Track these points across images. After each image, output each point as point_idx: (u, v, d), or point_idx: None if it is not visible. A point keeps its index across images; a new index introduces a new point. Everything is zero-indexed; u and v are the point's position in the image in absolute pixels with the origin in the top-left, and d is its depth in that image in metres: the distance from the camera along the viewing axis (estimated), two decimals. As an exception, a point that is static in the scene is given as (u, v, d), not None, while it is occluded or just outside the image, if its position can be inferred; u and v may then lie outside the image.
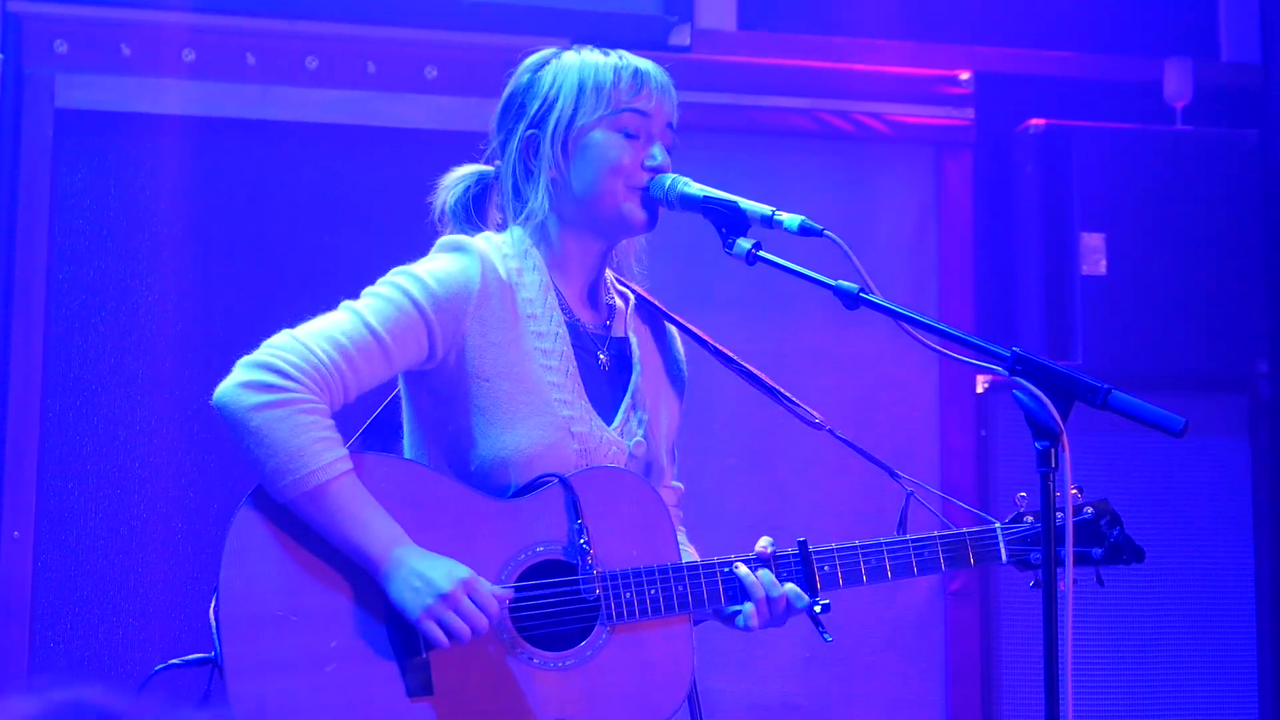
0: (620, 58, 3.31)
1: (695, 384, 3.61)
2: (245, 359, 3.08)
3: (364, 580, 3.07)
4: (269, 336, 3.12)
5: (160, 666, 3.19)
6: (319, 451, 3.02)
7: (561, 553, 3.16)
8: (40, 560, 4.86)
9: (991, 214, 5.66)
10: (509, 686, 3.09)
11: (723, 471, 5.26)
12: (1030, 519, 3.39)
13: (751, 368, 3.49)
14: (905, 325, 3.08)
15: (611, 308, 3.42)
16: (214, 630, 3.06)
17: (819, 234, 3.11)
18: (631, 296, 3.46)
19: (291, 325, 3.13)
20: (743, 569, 3.22)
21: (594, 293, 3.39)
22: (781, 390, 3.49)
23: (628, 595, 3.16)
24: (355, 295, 3.20)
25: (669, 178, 3.27)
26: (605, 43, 3.36)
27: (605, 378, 3.36)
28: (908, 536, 3.34)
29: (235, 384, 3.04)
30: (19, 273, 4.89)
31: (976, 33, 5.78)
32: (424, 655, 3.06)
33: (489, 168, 3.42)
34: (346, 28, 5.14)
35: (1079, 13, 5.90)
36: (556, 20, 5.20)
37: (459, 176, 3.43)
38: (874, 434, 5.28)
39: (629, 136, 3.27)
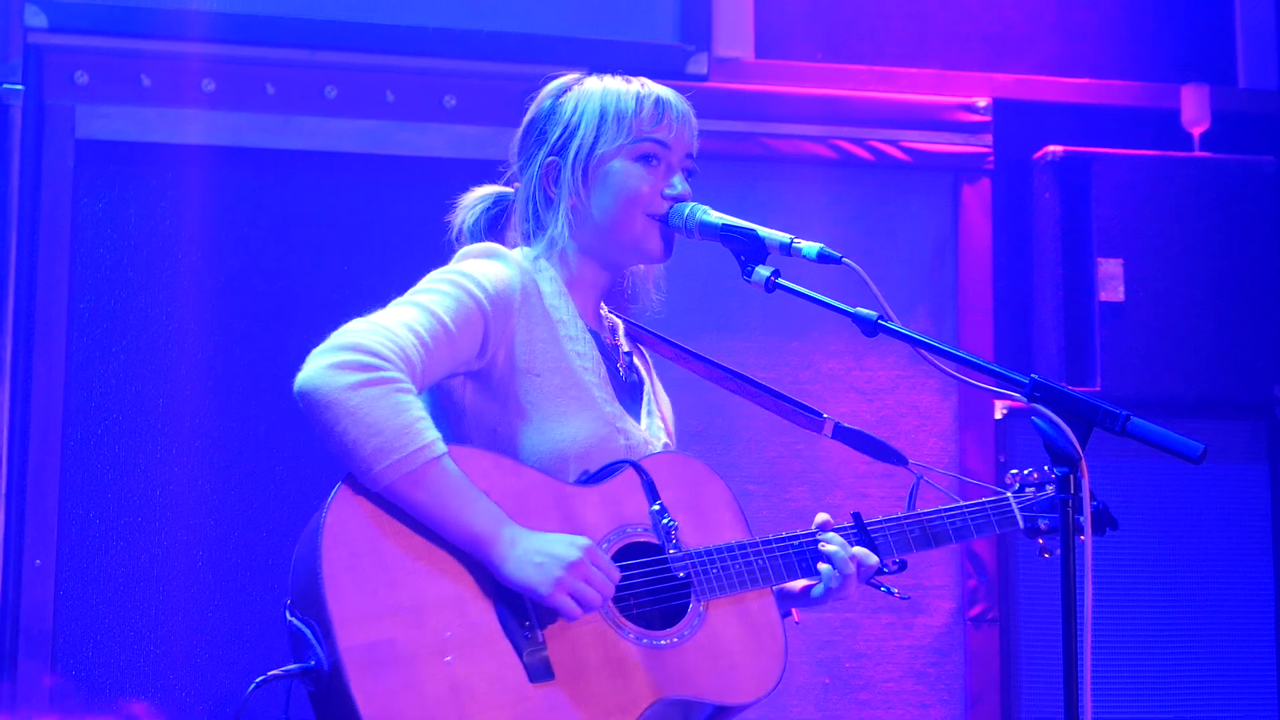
0: (643, 85, 3.33)
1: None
2: (328, 344, 3.00)
3: (469, 564, 3.01)
4: (290, 364, 3.04)
5: (260, 679, 3.00)
6: (422, 430, 2.97)
7: (646, 533, 3.18)
8: (61, 588, 4.87)
9: (1010, 240, 5.66)
10: (623, 666, 3.08)
11: (741, 496, 5.24)
12: (1031, 490, 3.58)
13: (745, 374, 3.54)
14: (924, 352, 3.09)
15: (614, 329, 3.46)
16: (308, 635, 2.94)
17: (837, 261, 3.13)
18: (619, 322, 3.50)
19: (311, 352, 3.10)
20: (829, 546, 3.31)
21: (598, 312, 3.42)
22: (779, 391, 3.52)
23: (714, 570, 3.20)
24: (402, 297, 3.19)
25: (688, 206, 3.29)
26: (623, 72, 3.38)
27: (625, 385, 3.40)
28: (941, 508, 3.48)
29: (323, 367, 2.95)
30: (40, 302, 4.91)
31: (994, 60, 5.79)
32: (540, 637, 3.01)
33: (508, 189, 3.44)
34: (365, 57, 5.16)
35: (1096, 39, 5.91)
36: (574, 50, 5.21)
37: (478, 197, 3.45)
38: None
39: (649, 166, 3.29)
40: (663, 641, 3.13)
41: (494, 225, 3.44)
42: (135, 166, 5.01)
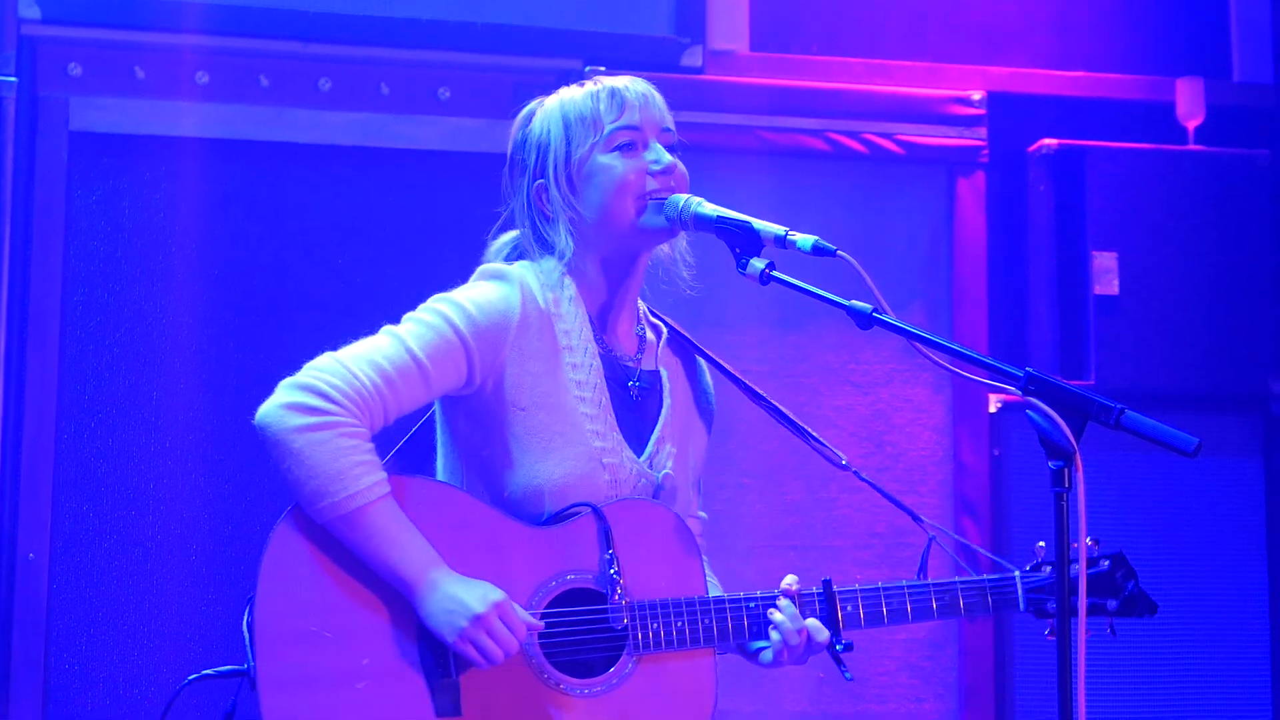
0: (595, 83, 3.38)
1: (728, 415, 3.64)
2: (288, 380, 3.12)
3: (398, 601, 3.11)
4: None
5: (193, 677, 3.25)
6: (358, 476, 3.07)
7: (592, 581, 3.20)
8: (55, 581, 4.86)
9: (1004, 234, 5.66)
10: (535, 711, 3.13)
11: (736, 491, 5.25)
12: (1049, 569, 3.43)
13: (779, 404, 3.53)
14: (918, 345, 3.10)
15: (643, 339, 3.45)
16: (247, 641, 3.10)
17: (832, 254, 3.13)
18: (664, 330, 3.50)
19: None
20: (777, 615, 3.25)
21: (624, 321, 3.42)
22: (808, 429, 3.53)
23: (654, 626, 3.20)
24: (369, 315, 3.23)
25: (682, 198, 3.30)
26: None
27: (635, 408, 3.40)
28: (929, 580, 3.39)
29: (279, 405, 3.09)
30: (34, 295, 4.90)
31: (989, 53, 5.78)
32: (454, 677, 3.10)
33: (517, 231, 3.46)
34: (360, 50, 5.15)
35: (1091, 33, 5.90)
36: (569, 42, 5.21)
37: (498, 248, 3.50)
38: (887, 453, 5.29)
39: (627, 152, 3.30)
40: (583, 690, 3.16)
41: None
42: (129, 159, 5.00)
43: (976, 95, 5.58)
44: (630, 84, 3.37)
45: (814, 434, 3.53)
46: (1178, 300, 5.50)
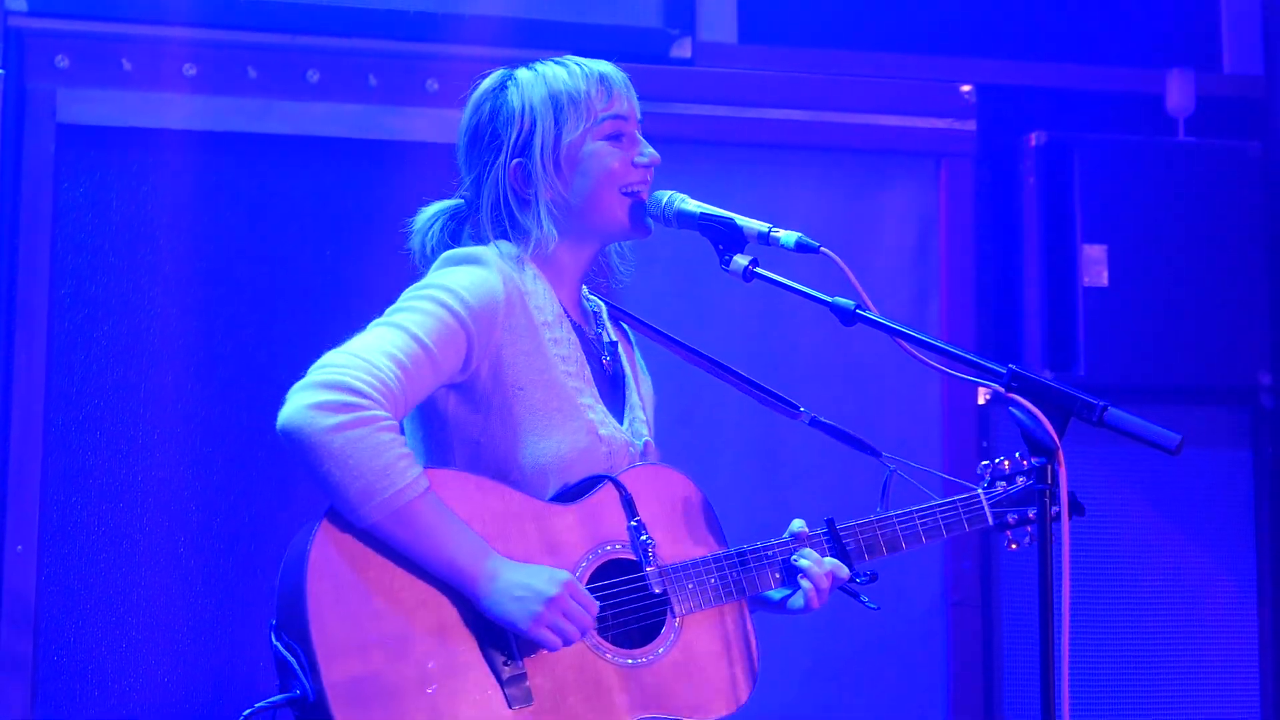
0: (579, 65, 3.32)
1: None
2: (307, 382, 3.00)
3: (451, 596, 3.05)
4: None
5: (249, 711, 3.04)
6: (404, 470, 2.99)
7: (623, 550, 3.20)
8: (44, 574, 4.86)
9: (994, 226, 5.66)
10: (600, 688, 3.11)
11: (722, 477, 5.25)
12: (1002, 484, 3.52)
13: (724, 362, 3.53)
14: (902, 342, 3.10)
15: (597, 314, 3.45)
16: (294, 665, 2.98)
17: (815, 250, 3.13)
18: (602, 305, 3.49)
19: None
20: (804, 561, 3.29)
21: (577, 299, 3.41)
22: (757, 382, 3.52)
23: (690, 585, 3.21)
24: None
25: (665, 194, 3.29)
26: (607, 56, 3.38)
27: (609, 381, 3.40)
28: (912, 508, 3.44)
29: (305, 406, 2.96)
30: (21, 287, 4.89)
31: (978, 45, 5.78)
32: (521, 666, 3.05)
33: (455, 201, 3.40)
34: (348, 41, 5.14)
35: (1081, 25, 5.90)
36: (557, 33, 5.21)
37: (429, 216, 3.42)
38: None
39: (616, 142, 3.29)
40: (639, 660, 3.16)
41: (454, 240, 3.39)
42: (117, 151, 4.99)
43: (966, 88, 5.58)
44: (611, 70, 3.33)
45: (764, 386, 3.53)
46: (1167, 292, 5.51)
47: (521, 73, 3.33)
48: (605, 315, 3.49)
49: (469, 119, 3.37)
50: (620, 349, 3.47)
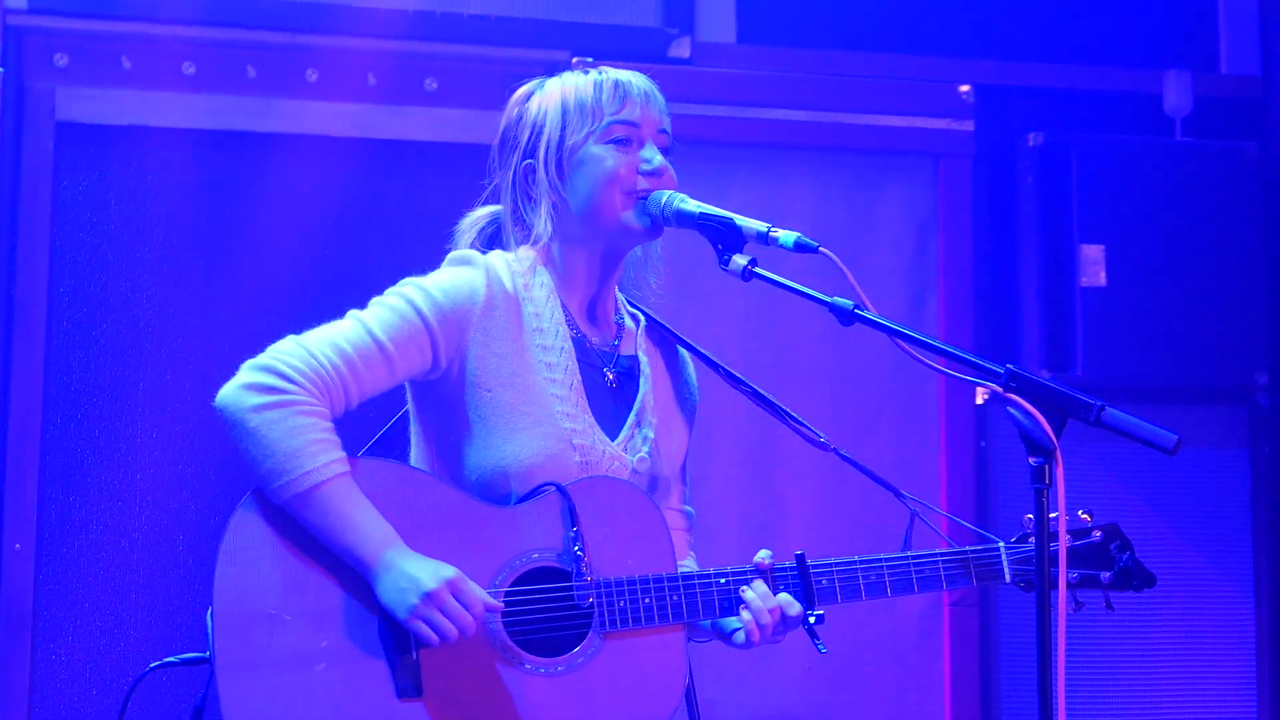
0: (600, 72, 3.35)
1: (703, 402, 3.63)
2: (249, 362, 3.12)
3: (357, 581, 3.09)
4: (266, 348, 3.14)
5: (155, 664, 3.29)
6: (314, 453, 3.06)
7: (556, 559, 3.18)
8: (42, 572, 4.86)
9: (991, 226, 5.66)
10: (499, 690, 3.11)
11: (722, 482, 5.26)
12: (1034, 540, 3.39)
13: (760, 389, 3.51)
14: (900, 342, 3.10)
15: (621, 326, 3.44)
16: (208, 628, 3.08)
17: (814, 250, 3.13)
18: (642, 319, 3.49)
19: (295, 334, 3.15)
20: (749, 593, 3.23)
21: (602, 310, 3.41)
22: (789, 411, 3.51)
23: (621, 603, 3.17)
24: (356, 306, 3.23)
25: (665, 194, 3.29)
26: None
27: (611, 394, 3.38)
28: (908, 553, 3.35)
29: (237, 385, 3.09)
30: (20, 285, 4.90)
31: (976, 46, 5.79)
32: (414, 656, 3.08)
33: (498, 206, 3.45)
34: (347, 40, 5.14)
35: (1079, 25, 5.90)
36: (556, 33, 5.21)
37: (473, 220, 3.49)
38: (875, 446, 5.28)
39: (621, 147, 3.30)
40: (549, 670, 3.14)
41: (491, 244, 3.45)
42: (115, 149, 4.99)
43: (964, 88, 5.58)
44: (635, 79, 3.35)
45: (794, 415, 3.51)
46: (1164, 292, 5.51)
47: (550, 80, 3.39)
48: (640, 330, 3.48)
49: (501, 124, 3.43)
50: (646, 366, 3.45)
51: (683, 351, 3.56)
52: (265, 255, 5.05)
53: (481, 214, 3.48)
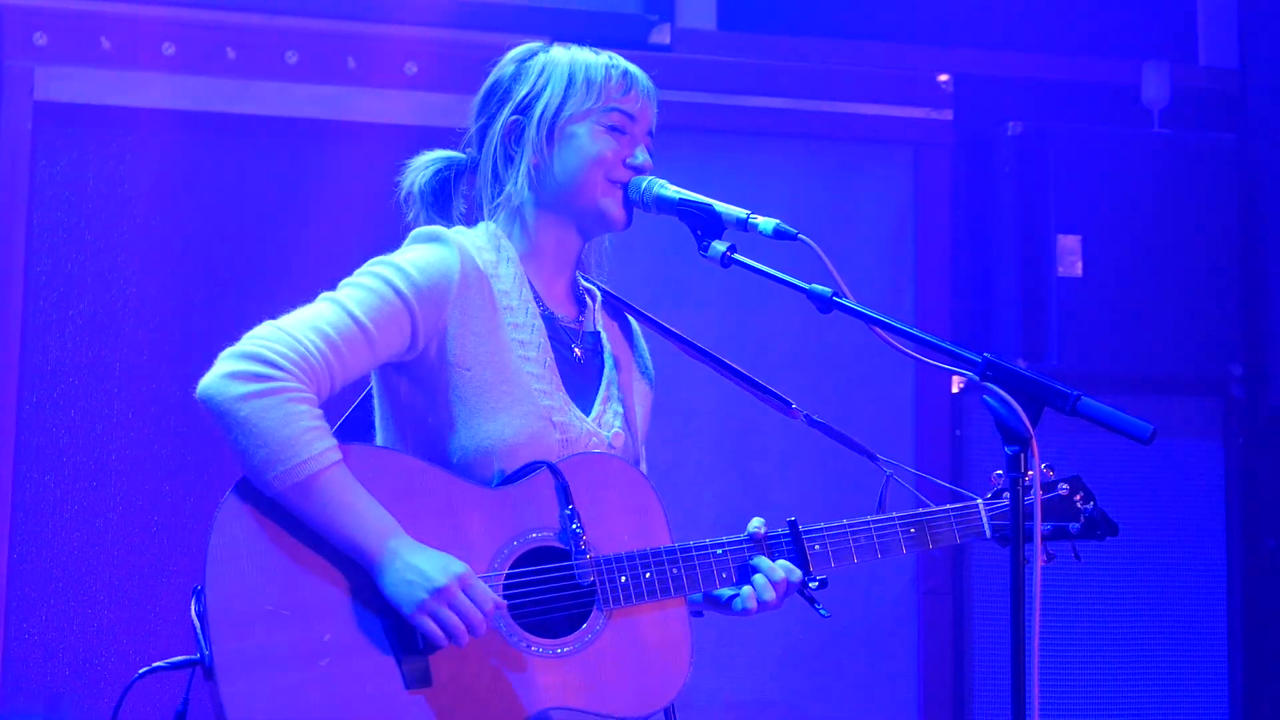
0: (611, 58, 3.33)
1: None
2: (229, 350, 3.02)
3: (357, 572, 3.02)
4: (247, 330, 3.08)
5: (144, 670, 3.09)
6: (309, 441, 2.98)
7: (554, 539, 3.14)
8: (15, 553, 4.86)
9: (969, 215, 5.68)
10: (507, 675, 3.06)
11: (699, 467, 5.27)
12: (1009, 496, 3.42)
13: (722, 356, 3.49)
14: (878, 330, 3.10)
15: (583, 303, 3.43)
16: (198, 630, 2.98)
17: (793, 238, 3.12)
18: (598, 293, 3.47)
19: (270, 318, 3.10)
20: (760, 577, 3.22)
21: (565, 287, 3.39)
22: (753, 377, 3.49)
23: (623, 579, 3.14)
24: (332, 288, 3.19)
25: (645, 179, 3.28)
26: (585, 41, 3.38)
27: (580, 370, 3.35)
28: (893, 514, 3.36)
29: (221, 375, 2.98)
30: (-4, 264, 4.90)
31: (956, 35, 5.80)
32: (421, 646, 3.01)
33: (460, 154, 3.41)
34: (327, 23, 5.14)
35: (1058, 16, 5.92)
36: (537, 18, 5.21)
37: (429, 159, 3.40)
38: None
39: (616, 135, 3.29)
40: (555, 650, 3.10)
41: (444, 188, 3.39)
42: (94, 129, 4.99)
43: (943, 77, 5.59)
44: (643, 76, 3.34)
45: (760, 382, 3.50)
46: (1141, 283, 5.53)
47: (557, 47, 3.35)
48: (597, 304, 3.46)
49: (491, 76, 3.37)
50: (606, 340, 3.43)
51: (633, 321, 3.54)
52: (242, 237, 5.05)
53: (437, 154, 3.40)
